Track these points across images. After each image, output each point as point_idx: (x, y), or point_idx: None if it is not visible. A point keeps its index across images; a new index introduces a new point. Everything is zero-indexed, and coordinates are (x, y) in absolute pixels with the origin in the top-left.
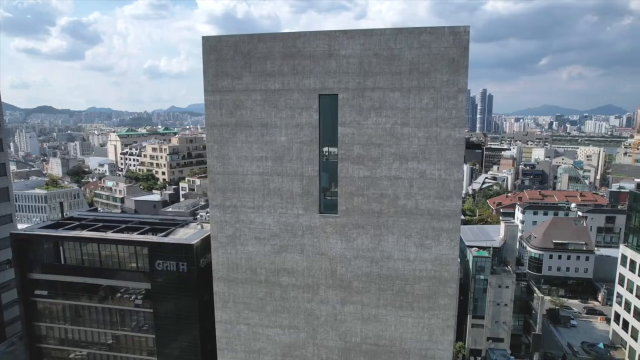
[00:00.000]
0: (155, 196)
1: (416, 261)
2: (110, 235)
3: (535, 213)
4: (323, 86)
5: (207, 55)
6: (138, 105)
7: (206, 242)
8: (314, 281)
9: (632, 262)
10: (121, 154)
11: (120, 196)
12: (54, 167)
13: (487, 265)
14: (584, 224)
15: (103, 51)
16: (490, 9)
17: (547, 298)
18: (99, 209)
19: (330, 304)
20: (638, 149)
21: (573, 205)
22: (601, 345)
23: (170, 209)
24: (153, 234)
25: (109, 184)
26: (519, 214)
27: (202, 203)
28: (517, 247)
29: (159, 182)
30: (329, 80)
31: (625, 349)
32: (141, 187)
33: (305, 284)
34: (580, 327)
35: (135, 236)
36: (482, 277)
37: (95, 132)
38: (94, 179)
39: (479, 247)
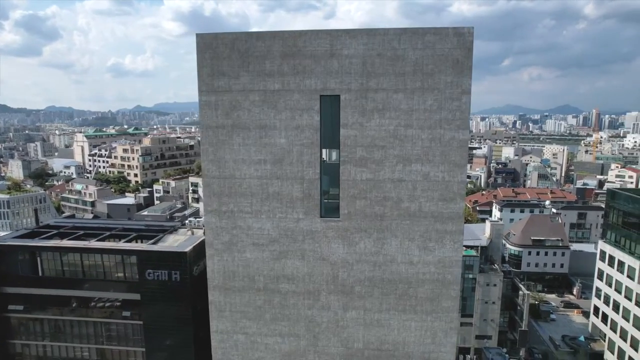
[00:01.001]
0: (129, 199)
1: (419, 264)
2: (95, 244)
3: (512, 211)
4: (325, 87)
5: (202, 53)
6: (101, 104)
7: (199, 249)
8: (315, 287)
9: (611, 258)
10: (89, 155)
11: (91, 200)
12: (14, 170)
13: (475, 264)
14: (560, 221)
15: (62, 47)
16: (456, 10)
17: (530, 294)
18: (68, 213)
19: (331, 310)
20: (597, 147)
21: (547, 202)
22: (582, 338)
23: (145, 213)
24: (139, 242)
25: (78, 187)
26: (496, 212)
27: (179, 206)
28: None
29: (131, 185)
30: (330, 80)
31: (605, 341)
32: (113, 189)
33: (305, 290)
34: (559, 320)
35: (122, 244)
36: (470, 276)
37: (57, 132)
38: (60, 182)
39: (466, 247)
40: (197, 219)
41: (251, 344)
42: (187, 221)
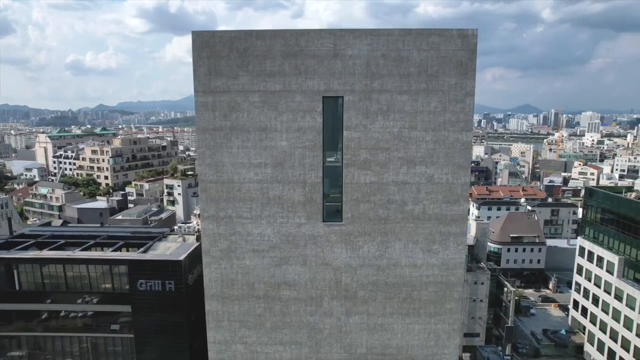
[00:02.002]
0: (101, 203)
1: (423, 267)
2: (80, 254)
3: (489, 209)
4: (327, 88)
5: (198, 52)
6: (61, 103)
7: (193, 256)
8: (318, 293)
9: (590, 253)
10: (54, 157)
11: (58, 204)
12: None
13: (464, 263)
14: (536, 218)
15: (16, 42)
16: (422, 11)
17: (513, 290)
18: (34, 220)
19: (334, 316)
20: (559, 146)
21: (522, 200)
22: (563, 331)
23: (120, 217)
24: (127, 250)
25: (43, 190)
26: (474, 210)
27: (155, 209)
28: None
29: (101, 188)
30: (334, 81)
31: (584, 333)
32: (82, 193)
33: (308, 297)
34: (539, 315)
35: (110, 254)
36: None
37: (12, 132)
38: (22, 186)
39: None
40: (187, 225)
41: (251, 354)
42: (176, 227)
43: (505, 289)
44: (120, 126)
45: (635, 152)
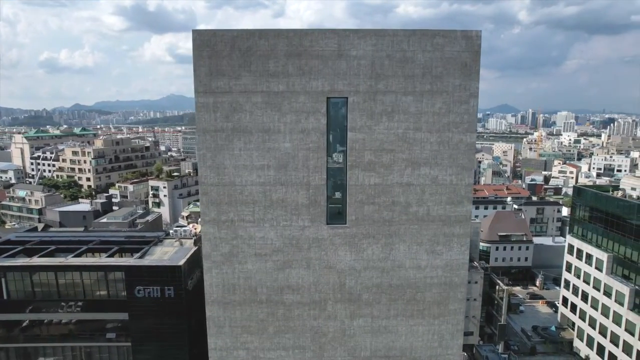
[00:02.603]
0: (84, 206)
1: (427, 268)
2: (73, 260)
3: (477, 208)
4: (332, 88)
5: (199, 51)
6: (34, 102)
7: (192, 261)
8: (321, 296)
9: (579, 251)
10: (31, 158)
11: (38, 207)
12: None
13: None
14: (523, 216)
15: None
16: (403, 12)
17: (505, 289)
18: (13, 224)
19: (338, 319)
20: (537, 144)
21: (509, 199)
22: (553, 328)
23: (104, 220)
24: (121, 255)
25: (21, 193)
26: None
27: (140, 211)
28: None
29: (83, 190)
30: (338, 82)
31: (574, 329)
32: (63, 196)
33: (311, 301)
34: (527, 312)
35: (105, 260)
36: None
37: None
38: None
39: None
40: (184, 228)
41: None
42: (171, 231)
43: (497, 287)
44: (98, 126)
45: (610, 151)
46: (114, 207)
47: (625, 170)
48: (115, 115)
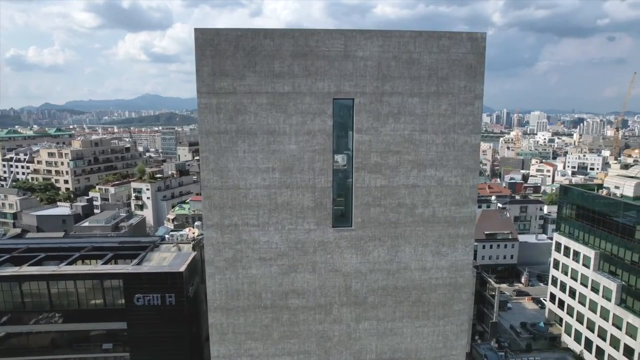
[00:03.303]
0: (64, 209)
1: (432, 270)
2: (67, 269)
3: None
4: (338, 90)
5: (201, 50)
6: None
7: (192, 267)
8: (327, 300)
9: (567, 248)
10: (3, 159)
11: (12, 211)
12: None
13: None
14: (507, 215)
15: None
16: (380, 12)
17: (497, 287)
18: None
19: (344, 323)
20: (515, 144)
21: (493, 197)
22: (542, 324)
23: (86, 224)
24: (115, 262)
25: None
26: None
27: (124, 214)
28: None
29: (61, 193)
30: (344, 83)
31: (561, 325)
32: (39, 199)
33: (317, 305)
34: (515, 309)
35: (102, 267)
36: None
37: None
38: None
39: None
40: (180, 233)
41: None
42: (167, 236)
43: (488, 285)
44: (71, 126)
45: (583, 150)
46: (95, 210)
47: (597, 169)
48: (89, 115)
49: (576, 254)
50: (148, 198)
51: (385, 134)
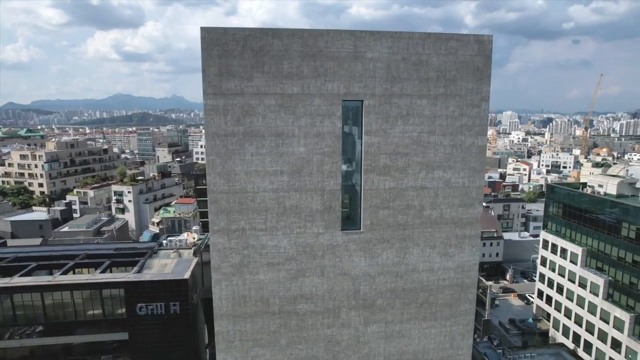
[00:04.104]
0: (40, 214)
1: (440, 271)
2: (63, 279)
3: None
4: (347, 91)
5: (208, 50)
6: None
7: (195, 273)
8: (335, 304)
9: (554, 246)
10: None
11: None
12: None
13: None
14: (492, 213)
15: None
16: (355, 13)
17: (489, 284)
18: None
19: (352, 327)
20: (491, 143)
21: None
22: (530, 320)
23: (66, 229)
24: (109, 271)
25: None
26: None
27: (105, 218)
28: None
29: (35, 197)
30: (354, 84)
31: (549, 320)
32: (12, 203)
33: (325, 309)
34: (502, 305)
35: (101, 276)
36: None
37: None
38: None
39: None
40: (179, 238)
41: None
42: (164, 241)
43: (480, 283)
44: (38, 127)
45: (556, 149)
46: (75, 215)
47: (569, 167)
48: (57, 115)
49: (563, 251)
50: (130, 201)
51: (394, 135)
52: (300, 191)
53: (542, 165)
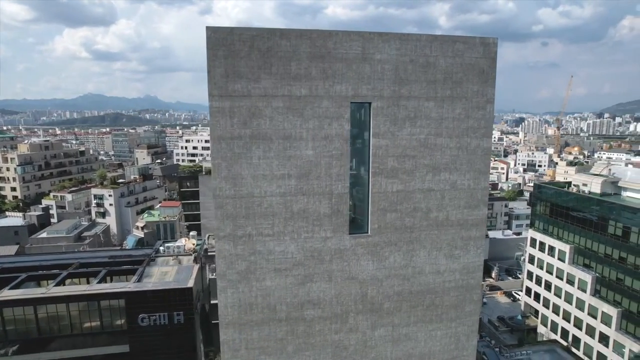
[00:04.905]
0: (15, 219)
1: (446, 272)
2: (57, 290)
3: None
4: (356, 93)
5: (214, 50)
6: None
7: (197, 280)
8: (343, 309)
9: (542, 244)
10: None
11: None
12: None
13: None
14: None
15: None
16: (331, 13)
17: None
18: None
19: (360, 331)
20: None
21: None
22: (519, 317)
23: (44, 235)
24: (107, 280)
25: None
26: None
27: (86, 223)
28: None
29: (7, 202)
30: (362, 86)
31: (537, 317)
32: None
33: (333, 314)
34: (490, 303)
35: (99, 287)
36: None
37: None
38: None
39: None
40: (176, 244)
41: None
42: (161, 248)
43: None
44: (4, 127)
45: (531, 148)
46: (52, 220)
47: (544, 165)
48: (23, 115)
49: (551, 249)
50: (111, 205)
51: (401, 138)
52: (308, 195)
53: (519, 164)
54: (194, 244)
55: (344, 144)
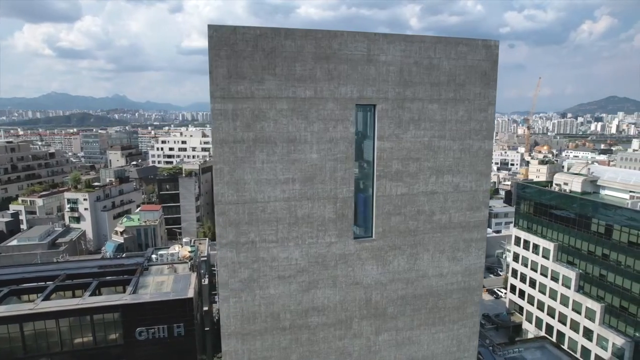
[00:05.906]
0: None
1: (448, 275)
2: (46, 305)
3: None
4: (361, 95)
5: (216, 50)
6: None
7: (196, 290)
8: (347, 315)
9: (526, 242)
10: None
11: None
12: None
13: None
14: None
15: None
16: (304, 13)
17: None
18: None
19: (364, 337)
20: None
21: None
22: (505, 313)
23: (14, 242)
24: (95, 293)
25: None
26: None
27: (60, 229)
28: None
29: None
30: (367, 88)
31: (521, 313)
32: None
33: (337, 320)
34: None
35: (91, 300)
36: None
37: None
38: None
39: None
40: (170, 252)
41: None
42: (153, 256)
43: None
44: None
45: (504, 147)
46: (22, 226)
47: (516, 164)
48: None
49: (535, 246)
50: (86, 209)
51: (406, 140)
52: (313, 199)
53: (493, 162)
54: (189, 251)
55: (349, 147)
